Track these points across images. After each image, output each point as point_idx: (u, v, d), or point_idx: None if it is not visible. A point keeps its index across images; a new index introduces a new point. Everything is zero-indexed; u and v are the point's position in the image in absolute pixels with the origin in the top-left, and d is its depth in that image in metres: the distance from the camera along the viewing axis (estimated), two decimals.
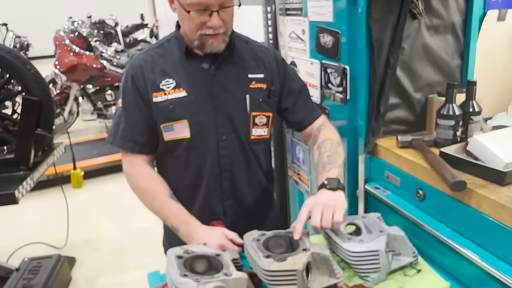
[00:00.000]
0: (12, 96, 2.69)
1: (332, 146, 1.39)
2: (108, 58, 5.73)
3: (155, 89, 1.38)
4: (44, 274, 2.73)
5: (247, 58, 1.46)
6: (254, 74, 1.45)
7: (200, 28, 1.29)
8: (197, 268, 1.09)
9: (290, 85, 1.51)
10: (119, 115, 1.43)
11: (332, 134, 1.47)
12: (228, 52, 1.40)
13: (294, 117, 1.53)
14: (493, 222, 1.17)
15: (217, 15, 1.27)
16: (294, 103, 1.51)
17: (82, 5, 10.19)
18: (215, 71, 1.40)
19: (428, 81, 1.71)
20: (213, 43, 1.33)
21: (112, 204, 4.10)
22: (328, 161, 1.34)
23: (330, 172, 1.29)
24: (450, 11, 1.66)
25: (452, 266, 1.32)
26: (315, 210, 1.18)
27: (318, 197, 1.21)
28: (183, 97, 1.38)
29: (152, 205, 1.39)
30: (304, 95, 1.54)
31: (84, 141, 5.47)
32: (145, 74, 1.39)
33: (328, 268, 1.11)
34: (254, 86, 1.44)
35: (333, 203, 1.18)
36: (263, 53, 1.49)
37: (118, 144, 1.43)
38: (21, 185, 2.13)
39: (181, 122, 1.38)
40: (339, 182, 1.26)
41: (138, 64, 1.40)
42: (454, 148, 1.44)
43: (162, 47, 1.44)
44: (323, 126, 1.51)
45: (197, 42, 1.33)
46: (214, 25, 1.28)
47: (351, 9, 1.59)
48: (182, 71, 1.39)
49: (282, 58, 1.55)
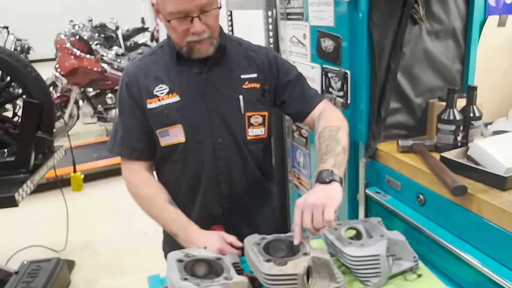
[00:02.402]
0: (13, 99, 2.69)
1: (331, 134, 1.34)
2: (109, 61, 5.75)
3: (149, 95, 1.39)
4: (43, 277, 2.72)
5: (239, 58, 1.45)
6: (247, 74, 1.44)
7: (185, 35, 1.30)
8: (198, 271, 1.09)
9: (284, 79, 1.48)
10: (117, 123, 1.45)
11: (332, 119, 1.41)
12: (219, 54, 1.40)
13: (292, 109, 1.50)
14: (494, 227, 1.17)
15: (199, 21, 1.26)
16: (290, 95, 1.49)
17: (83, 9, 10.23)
18: (206, 74, 1.40)
19: (428, 86, 1.71)
20: (200, 49, 1.33)
21: (112, 208, 4.09)
22: (326, 151, 1.28)
23: (326, 163, 1.23)
24: (450, 16, 1.67)
25: (452, 271, 1.32)
26: (304, 211, 1.13)
27: (308, 196, 1.15)
28: (177, 102, 1.38)
29: (151, 211, 1.40)
30: (299, 85, 1.50)
31: (84, 144, 5.47)
32: (139, 81, 1.40)
33: (328, 273, 1.11)
34: (247, 86, 1.43)
35: (323, 201, 1.12)
36: (255, 52, 1.48)
37: (117, 151, 1.44)
38: (21, 188, 2.13)
39: (175, 127, 1.39)
40: (332, 173, 1.18)
41: (133, 72, 1.42)
42: (455, 153, 1.44)
43: (155, 54, 1.45)
44: (323, 113, 1.45)
45: (186, 48, 1.34)
46: (197, 31, 1.28)
47: (352, 14, 1.59)
48: (174, 76, 1.40)
49: (274, 54, 1.53)
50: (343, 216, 1.85)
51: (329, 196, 1.14)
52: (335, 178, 1.18)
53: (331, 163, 1.22)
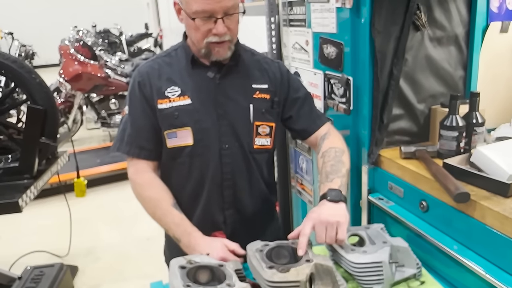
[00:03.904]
0: (17, 105, 2.71)
1: (336, 155, 1.38)
2: (113, 67, 5.78)
3: (161, 96, 1.40)
4: (46, 282, 2.73)
5: (252, 68, 1.47)
6: (258, 84, 1.46)
7: (206, 36, 1.31)
8: (200, 278, 1.09)
9: (294, 94, 1.52)
10: (126, 121, 1.44)
11: (337, 142, 1.46)
12: (233, 61, 1.42)
13: (298, 125, 1.53)
14: (497, 234, 1.17)
15: (222, 22, 1.29)
16: (297, 111, 1.51)
17: (87, 15, 10.29)
18: (220, 80, 1.41)
19: (431, 92, 1.71)
20: (219, 51, 1.35)
21: (115, 213, 4.10)
22: (331, 171, 1.33)
23: (333, 182, 1.29)
24: (453, 22, 1.67)
25: (455, 278, 1.31)
26: (318, 226, 1.18)
27: (321, 211, 1.20)
28: (188, 105, 1.39)
29: (155, 213, 1.40)
30: (308, 103, 1.54)
31: (88, 150, 5.49)
32: (152, 81, 1.41)
33: (331, 279, 1.10)
34: (258, 96, 1.45)
35: (336, 219, 1.18)
36: (268, 64, 1.51)
37: (125, 150, 1.43)
38: (24, 193, 2.14)
39: (184, 129, 1.39)
40: (340, 193, 1.25)
41: (145, 71, 1.43)
42: (458, 159, 1.44)
43: (169, 56, 1.47)
44: (328, 134, 1.50)
45: (204, 50, 1.35)
46: (219, 32, 1.30)
47: (354, 20, 1.60)
48: (187, 80, 1.41)
49: (287, 69, 1.56)
50: None
51: (342, 215, 1.20)
52: (343, 199, 1.25)
53: (337, 184, 1.28)
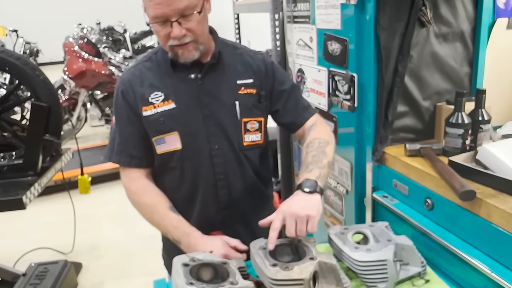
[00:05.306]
0: (21, 102, 2.72)
1: (319, 146, 1.36)
2: (117, 64, 5.77)
3: (145, 102, 1.38)
4: (50, 279, 2.73)
5: (235, 64, 1.44)
6: (243, 79, 1.43)
7: (167, 40, 1.29)
8: (203, 276, 1.09)
9: (279, 87, 1.48)
10: (114, 131, 1.44)
11: (322, 133, 1.43)
12: (214, 59, 1.40)
13: (285, 118, 1.50)
14: (503, 232, 1.16)
15: (178, 25, 1.25)
16: (284, 104, 1.48)
17: (91, 12, 10.28)
18: (202, 80, 1.39)
19: (436, 89, 1.70)
20: (184, 53, 1.32)
21: (119, 210, 4.10)
22: (312, 161, 1.30)
23: (311, 173, 1.26)
24: (458, 19, 1.66)
25: (461, 276, 1.31)
26: (288, 220, 1.15)
27: (293, 204, 1.18)
28: (173, 109, 1.37)
29: (153, 218, 1.40)
30: (295, 96, 1.50)
31: (92, 147, 5.50)
32: (134, 88, 1.39)
33: (335, 277, 1.10)
34: (244, 92, 1.42)
35: (307, 213, 1.15)
36: (251, 57, 1.47)
37: (115, 159, 1.43)
38: (28, 190, 2.14)
39: (172, 134, 1.38)
40: (316, 184, 1.22)
41: (127, 79, 1.41)
42: (463, 157, 1.43)
43: (150, 60, 1.44)
44: (314, 125, 1.47)
45: (170, 53, 1.34)
46: (175, 36, 1.27)
47: (359, 17, 1.59)
48: (170, 83, 1.39)
49: (271, 61, 1.52)
50: (350, 220, 1.84)
51: (313, 207, 1.17)
52: (318, 190, 1.21)
53: (315, 174, 1.25)
